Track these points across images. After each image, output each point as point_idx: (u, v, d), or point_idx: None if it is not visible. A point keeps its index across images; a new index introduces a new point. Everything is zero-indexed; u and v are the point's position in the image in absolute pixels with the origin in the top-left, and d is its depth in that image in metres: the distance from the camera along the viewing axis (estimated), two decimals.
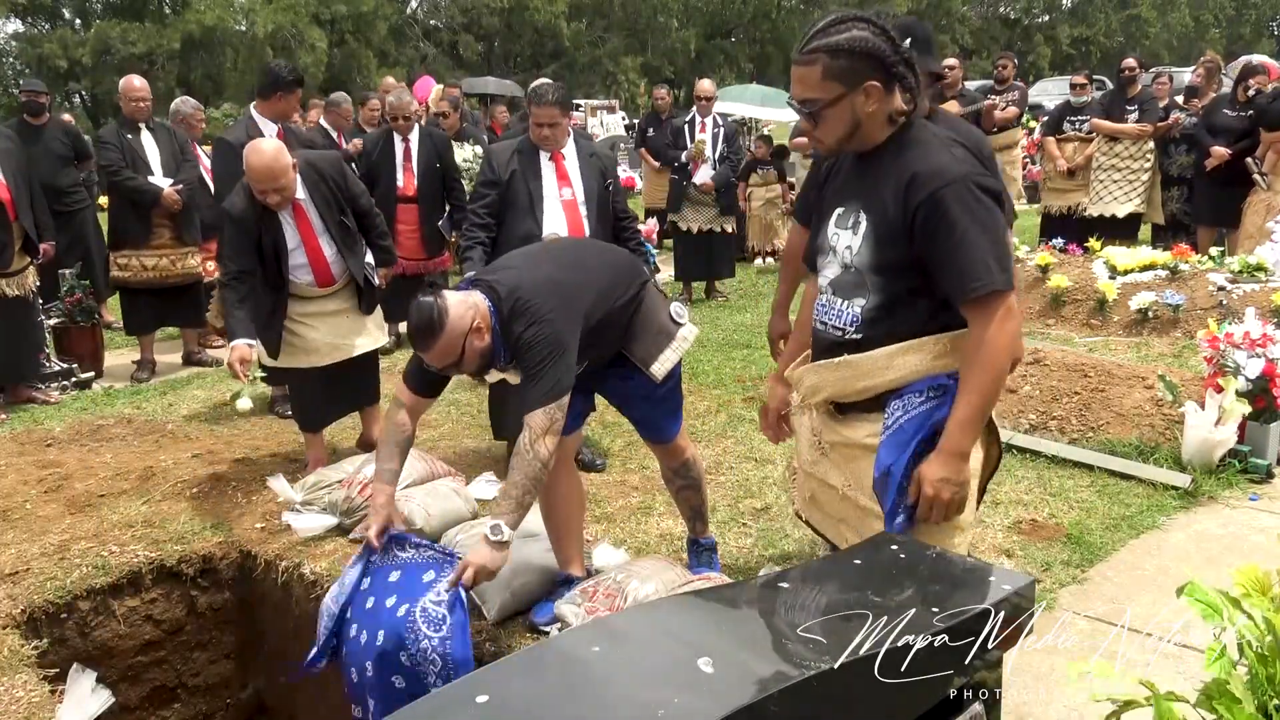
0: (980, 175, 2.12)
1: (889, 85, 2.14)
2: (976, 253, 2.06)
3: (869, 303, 2.25)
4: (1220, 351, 4.31)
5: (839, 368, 2.31)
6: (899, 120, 2.20)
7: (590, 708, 1.11)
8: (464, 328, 2.64)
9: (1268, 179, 7.63)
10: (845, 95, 2.13)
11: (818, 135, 2.22)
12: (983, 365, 2.10)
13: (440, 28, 34.16)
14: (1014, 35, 39.40)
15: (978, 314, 2.10)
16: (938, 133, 2.22)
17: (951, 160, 2.13)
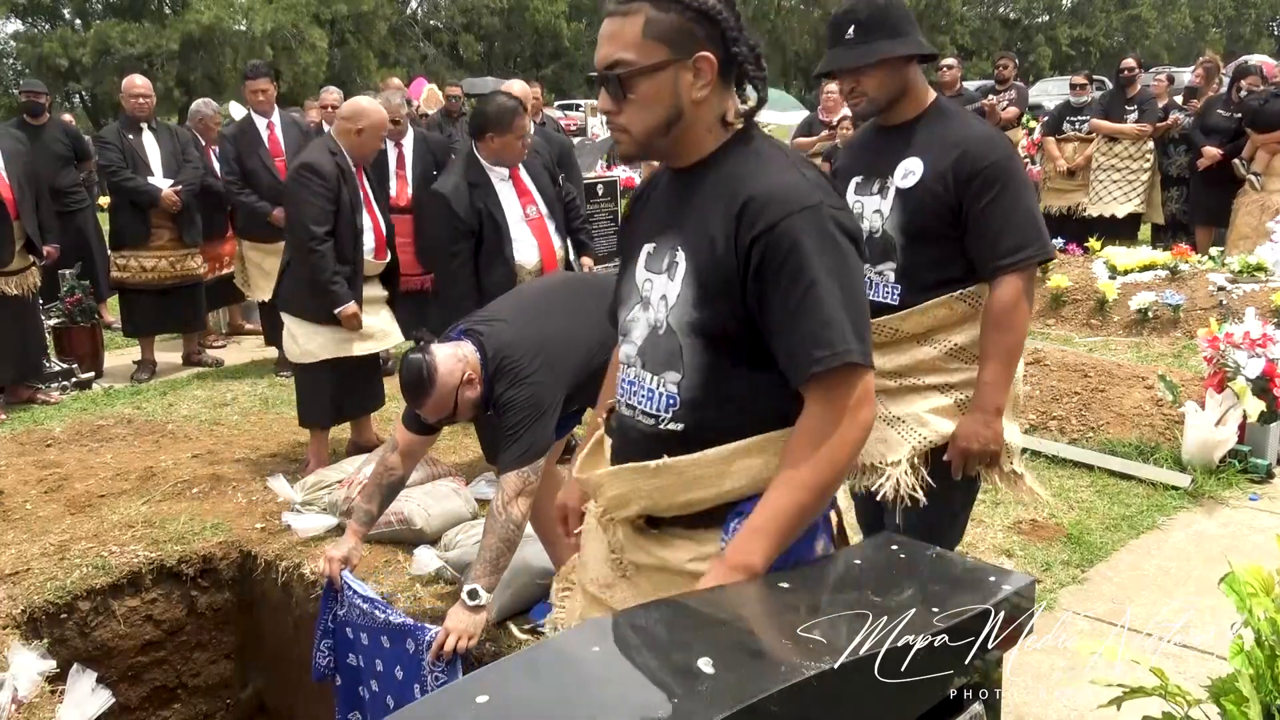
0: (838, 208, 1.59)
1: (726, 70, 1.62)
2: (827, 311, 1.51)
3: (688, 379, 1.63)
4: (1220, 351, 4.31)
5: (657, 473, 1.65)
6: (733, 126, 1.65)
7: (590, 708, 1.11)
8: (455, 382, 2.64)
9: (1261, 179, 7.63)
10: (669, 64, 1.56)
11: (621, 122, 1.62)
12: (814, 465, 1.52)
13: (440, 28, 34.17)
14: (1014, 35, 39.40)
15: (820, 397, 1.54)
16: (784, 148, 1.68)
17: (801, 182, 1.57)
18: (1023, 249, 2.25)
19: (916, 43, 2.34)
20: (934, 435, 2.38)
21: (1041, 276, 7.23)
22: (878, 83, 2.33)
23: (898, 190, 2.35)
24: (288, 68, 26.92)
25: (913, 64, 2.36)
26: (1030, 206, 2.30)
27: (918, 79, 2.38)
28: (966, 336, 2.37)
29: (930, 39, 23.64)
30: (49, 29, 29.08)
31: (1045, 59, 38.10)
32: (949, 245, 2.32)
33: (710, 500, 1.63)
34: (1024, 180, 2.30)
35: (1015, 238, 2.25)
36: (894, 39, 2.29)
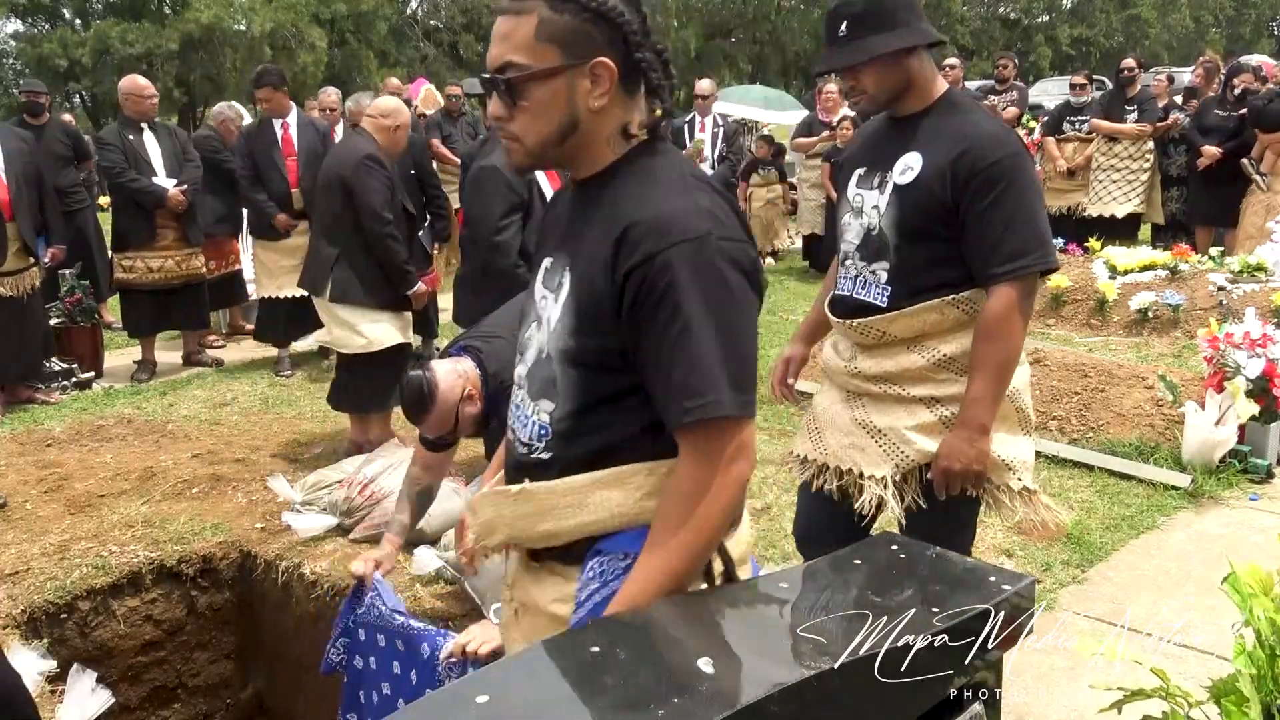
0: (730, 239, 1.42)
1: (630, 78, 1.47)
2: (700, 358, 1.37)
3: (559, 410, 1.52)
4: (1220, 351, 4.31)
5: (516, 500, 1.58)
6: (634, 139, 1.50)
7: (590, 708, 1.11)
8: (455, 398, 2.64)
9: (1267, 179, 7.63)
10: (563, 70, 1.43)
11: (513, 130, 1.49)
12: (686, 531, 1.40)
13: (440, 28, 34.14)
14: (1014, 35, 39.39)
15: (691, 451, 1.41)
16: (684, 168, 1.51)
17: (689, 209, 1.41)
18: (1022, 256, 2.11)
19: (918, 32, 2.20)
20: (916, 455, 2.25)
21: (1042, 278, 7.22)
22: (876, 79, 2.21)
23: (895, 186, 2.22)
24: (287, 68, 26.86)
25: (915, 55, 2.21)
26: (1034, 211, 2.15)
27: (923, 70, 2.24)
28: (957, 346, 2.23)
29: None
30: (49, 29, 29.06)
31: (1045, 59, 38.08)
32: (946, 247, 2.19)
33: (569, 532, 1.53)
34: (1031, 182, 2.17)
35: (1015, 244, 2.11)
36: (889, 31, 2.16)
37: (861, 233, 2.28)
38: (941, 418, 2.25)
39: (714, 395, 1.37)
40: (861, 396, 2.34)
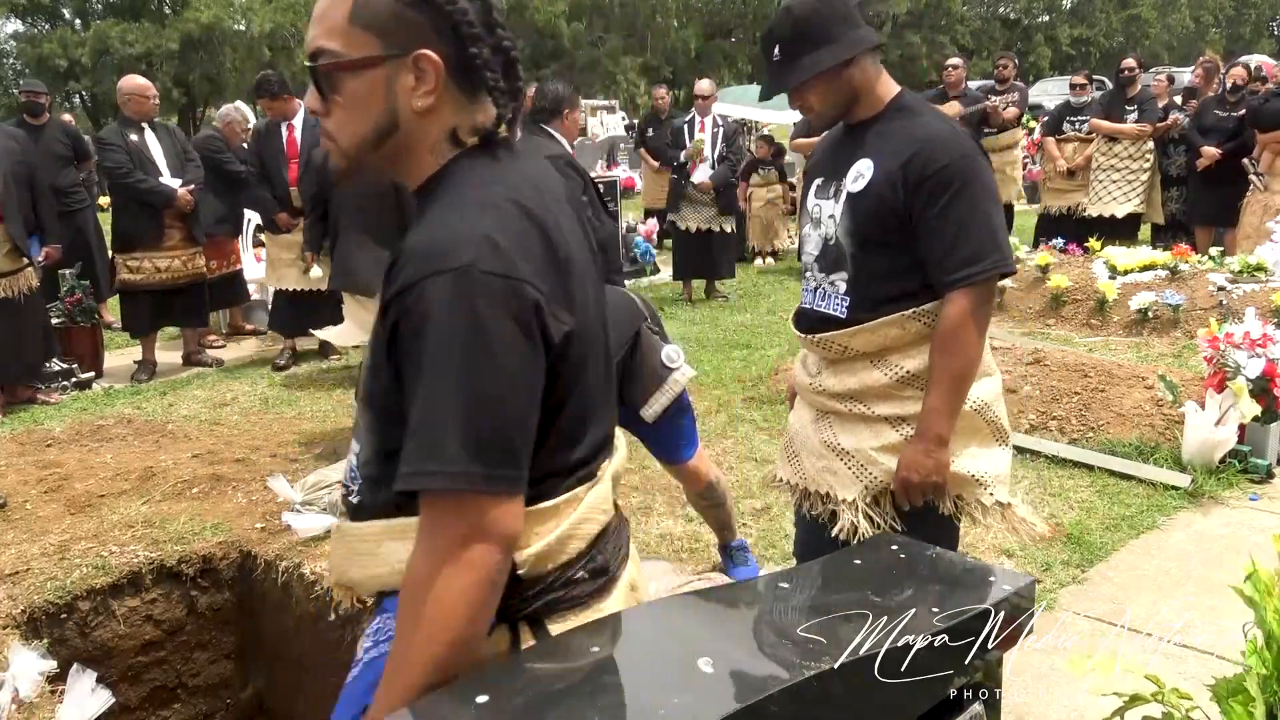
0: (502, 274, 1.15)
1: (465, 77, 1.27)
2: (433, 415, 1.15)
3: (363, 454, 1.38)
4: (1220, 351, 4.31)
5: (334, 539, 1.46)
6: (465, 143, 1.29)
7: (590, 708, 1.11)
8: None
9: (1264, 179, 7.65)
10: (380, 61, 1.24)
11: (328, 127, 1.31)
12: (420, 636, 1.17)
13: None
14: (1014, 35, 39.40)
15: (424, 528, 1.19)
16: (514, 181, 1.27)
17: (466, 234, 1.17)
18: (976, 262, 2.04)
19: (852, 42, 2.13)
20: (884, 476, 2.21)
21: (1042, 276, 7.23)
22: (819, 96, 2.18)
23: (848, 194, 2.17)
24: (287, 68, 26.91)
25: (855, 64, 2.15)
26: (989, 214, 2.08)
27: (867, 77, 2.18)
28: (919, 362, 2.17)
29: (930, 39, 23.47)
30: (49, 29, 29.07)
31: (1045, 59, 38.10)
32: (902, 256, 2.13)
33: (363, 583, 1.39)
34: (985, 185, 2.09)
35: (969, 249, 2.04)
36: (821, 48, 2.12)
37: (820, 243, 2.25)
38: (906, 437, 2.19)
39: (432, 465, 1.14)
40: (829, 415, 2.31)
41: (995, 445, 2.26)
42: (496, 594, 1.19)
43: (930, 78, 30.32)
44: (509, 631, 1.28)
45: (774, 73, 2.20)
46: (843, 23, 2.14)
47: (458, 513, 1.15)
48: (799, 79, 2.15)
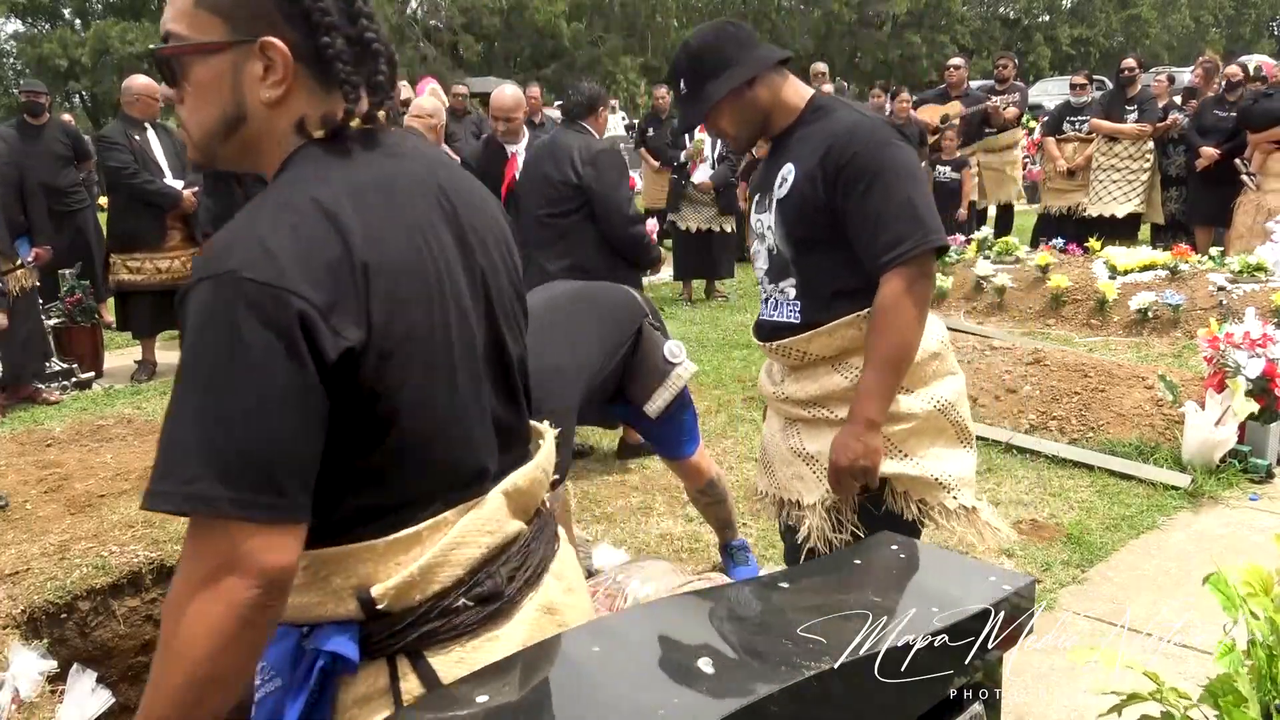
0: (271, 283, 1.06)
1: (318, 66, 1.19)
2: (172, 430, 1.07)
3: None
4: (1220, 351, 4.32)
5: None
6: (312, 135, 1.20)
7: (590, 708, 1.11)
8: None
9: (1256, 179, 7.66)
10: (226, 47, 1.18)
11: (181, 115, 1.25)
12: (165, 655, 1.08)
13: (440, 28, 34.16)
14: (1014, 35, 39.40)
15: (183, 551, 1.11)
16: (303, 184, 1.15)
17: (243, 239, 1.10)
18: (901, 241, 2.03)
19: (750, 64, 2.18)
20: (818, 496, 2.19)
21: (1042, 276, 7.23)
22: (730, 120, 2.23)
23: (776, 201, 2.20)
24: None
25: (760, 82, 2.19)
26: (908, 194, 2.06)
27: (776, 90, 2.22)
28: None
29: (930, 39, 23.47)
30: (49, 29, 29.07)
31: (1045, 59, 38.09)
32: (839, 252, 2.13)
33: None
34: (902, 167, 2.08)
35: (892, 231, 2.03)
36: (723, 74, 2.16)
37: (766, 256, 2.29)
38: None
39: (166, 484, 1.06)
40: (796, 423, 2.31)
41: (960, 447, 2.25)
42: (251, 631, 1.07)
43: (930, 78, 30.33)
44: (386, 666, 1.21)
45: (682, 107, 2.25)
46: (739, 47, 2.18)
47: (208, 539, 1.05)
48: (705, 108, 2.19)
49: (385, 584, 1.17)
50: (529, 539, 1.32)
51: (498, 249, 1.34)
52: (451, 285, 1.23)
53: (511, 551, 1.29)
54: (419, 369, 1.17)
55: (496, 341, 1.31)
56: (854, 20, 35.34)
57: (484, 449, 1.28)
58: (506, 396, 1.34)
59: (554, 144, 4.35)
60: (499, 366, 1.32)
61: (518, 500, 1.31)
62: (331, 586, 1.18)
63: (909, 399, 2.17)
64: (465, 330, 1.24)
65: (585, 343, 2.87)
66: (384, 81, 1.24)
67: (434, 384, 1.20)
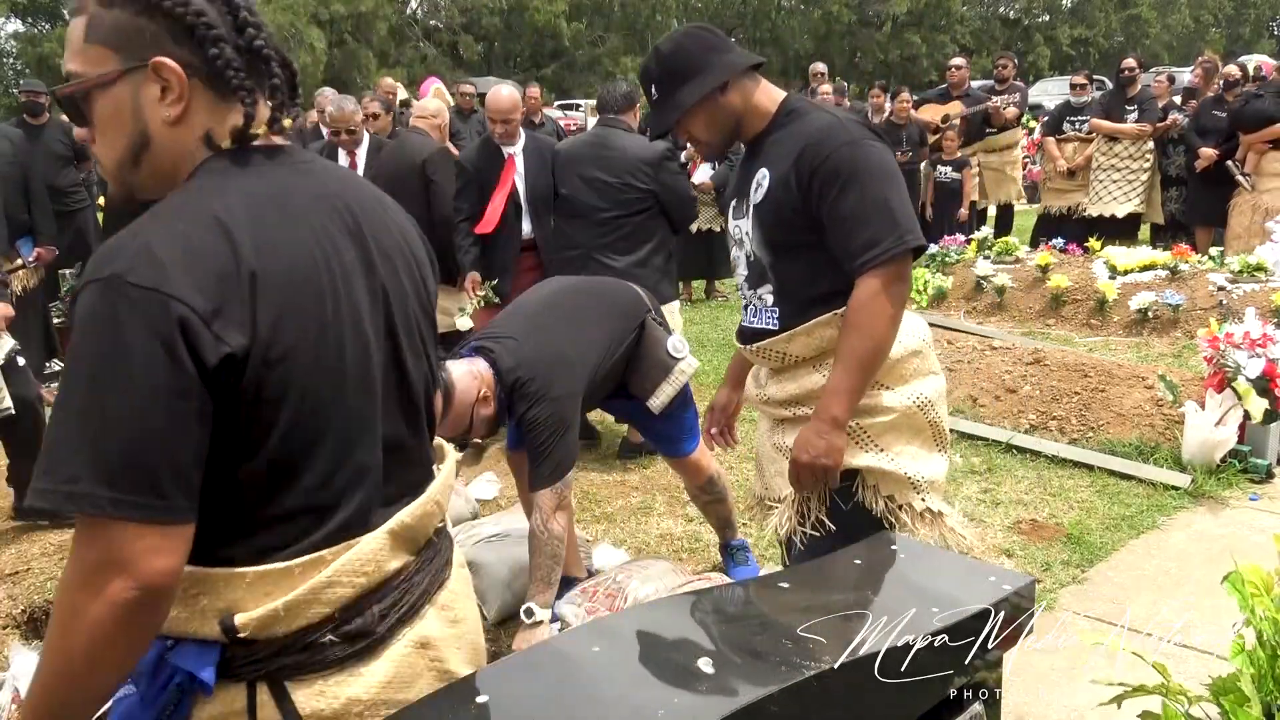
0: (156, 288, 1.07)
1: (214, 79, 1.21)
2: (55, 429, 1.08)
3: None
4: (1220, 351, 4.31)
5: None
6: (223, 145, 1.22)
7: (590, 708, 1.11)
8: (471, 400, 2.67)
9: (1251, 179, 7.66)
10: (120, 75, 1.19)
11: (98, 155, 1.26)
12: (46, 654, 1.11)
13: (440, 28, 34.16)
14: (1014, 35, 39.39)
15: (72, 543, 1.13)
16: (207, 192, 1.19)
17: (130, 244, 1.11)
18: (877, 243, 2.00)
19: (722, 68, 2.15)
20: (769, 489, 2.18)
21: (1042, 276, 7.23)
22: (702, 126, 2.20)
23: (752, 207, 2.19)
24: None
25: (732, 88, 2.16)
26: (883, 195, 2.03)
27: (747, 98, 2.19)
28: None
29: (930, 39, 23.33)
30: (49, 29, 29.07)
31: (1045, 59, 38.08)
32: (817, 255, 2.12)
33: None
34: (877, 167, 2.05)
35: (867, 232, 2.01)
36: (694, 80, 2.13)
37: (745, 262, 2.27)
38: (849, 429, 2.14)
39: (46, 482, 1.06)
40: (782, 423, 2.31)
41: (935, 450, 2.24)
42: (129, 632, 1.08)
43: (930, 78, 30.32)
44: (245, 690, 1.20)
45: (655, 112, 2.22)
46: (711, 52, 2.15)
47: (90, 538, 1.07)
48: (676, 114, 2.16)
49: (250, 614, 1.17)
50: (412, 573, 1.31)
51: (406, 271, 1.34)
52: (349, 301, 1.23)
53: (390, 587, 1.27)
54: (304, 379, 1.17)
55: (397, 362, 1.31)
56: (854, 20, 35.35)
57: (369, 473, 1.27)
58: (405, 418, 1.33)
59: (604, 144, 4.38)
60: (399, 387, 1.31)
61: (404, 536, 1.29)
62: (199, 606, 1.18)
63: (888, 395, 2.17)
64: (360, 346, 1.24)
65: (590, 333, 2.90)
66: (281, 85, 1.25)
67: (319, 395, 1.19)
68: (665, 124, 2.20)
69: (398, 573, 1.28)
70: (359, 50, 30.08)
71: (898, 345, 2.13)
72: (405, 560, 1.29)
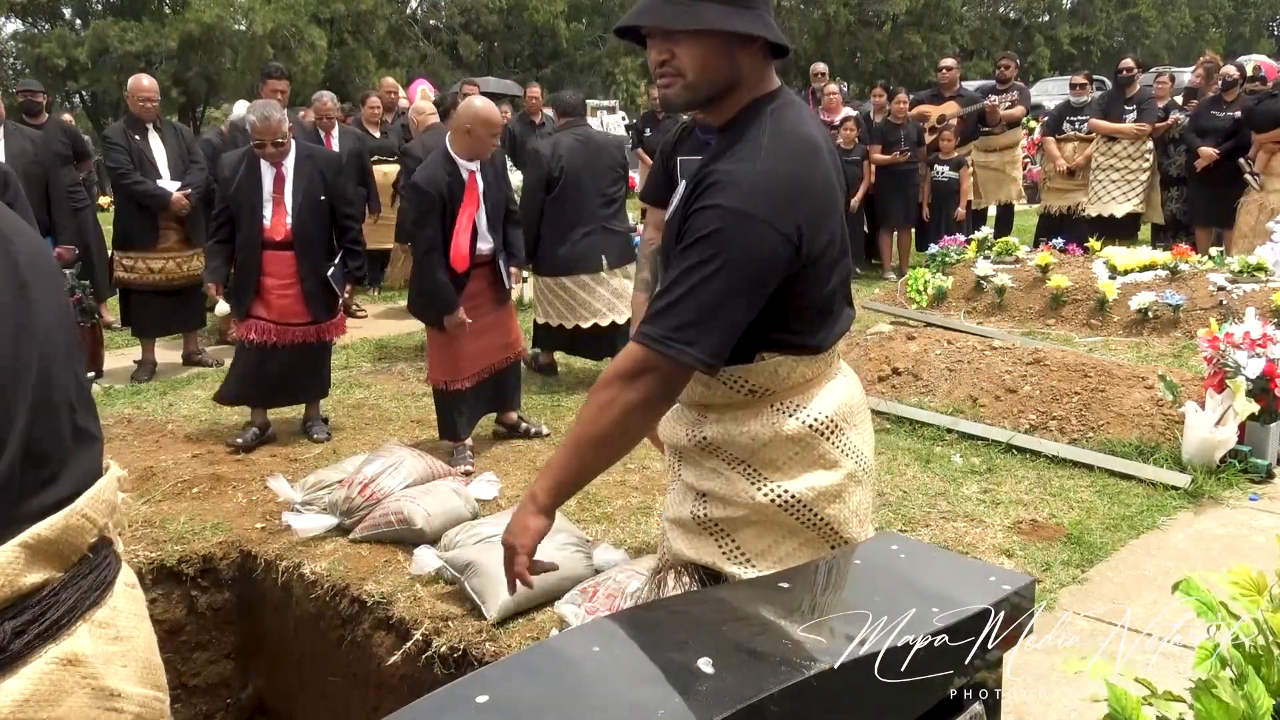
0: None
1: None
2: None
3: None
4: (1220, 351, 4.31)
5: None
6: None
7: (590, 707, 1.11)
8: None
9: (1260, 179, 7.66)
10: None
11: None
12: None
13: (440, 28, 34.16)
14: (1014, 35, 39.39)
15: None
16: None
17: None
18: (657, 323, 1.63)
19: (763, 22, 1.70)
20: (672, 556, 1.90)
21: (1042, 276, 7.23)
22: (698, 62, 1.70)
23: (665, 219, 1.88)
24: (287, 67, 26.90)
25: (752, 49, 1.72)
26: (709, 285, 1.62)
27: (752, 74, 1.75)
28: (718, 431, 1.81)
29: (930, 39, 23.35)
30: (48, 29, 29.06)
31: (1045, 59, 38.07)
32: None
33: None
34: (736, 253, 1.62)
35: (663, 304, 1.65)
36: (728, 10, 1.65)
37: None
38: (697, 518, 1.85)
39: None
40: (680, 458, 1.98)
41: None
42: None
43: (930, 78, 30.33)
44: None
45: (660, 2, 1.68)
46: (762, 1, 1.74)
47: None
48: (691, 24, 1.66)
49: None
50: (57, 588, 1.28)
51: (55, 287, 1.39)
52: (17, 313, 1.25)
53: (28, 603, 1.25)
54: None
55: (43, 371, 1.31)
56: (854, 20, 35.33)
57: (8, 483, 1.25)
58: (48, 429, 1.31)
59: (590, 139, 5.55)
60: (42, 398, 1.30)
61: (42, 550, 1.26)
62: None
63: (742, 482, 1.81)
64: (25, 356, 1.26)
65: None
66: None
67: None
68: (670, 22, 1.68)
69: (38, 588, 1.25)
70: (358, 50, 30.08)
71: (769, 427, 1.78)
72: (45, 576, 1.27)
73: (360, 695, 3.34)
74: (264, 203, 4.65)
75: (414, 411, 5.36)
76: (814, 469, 1.82)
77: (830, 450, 1.83)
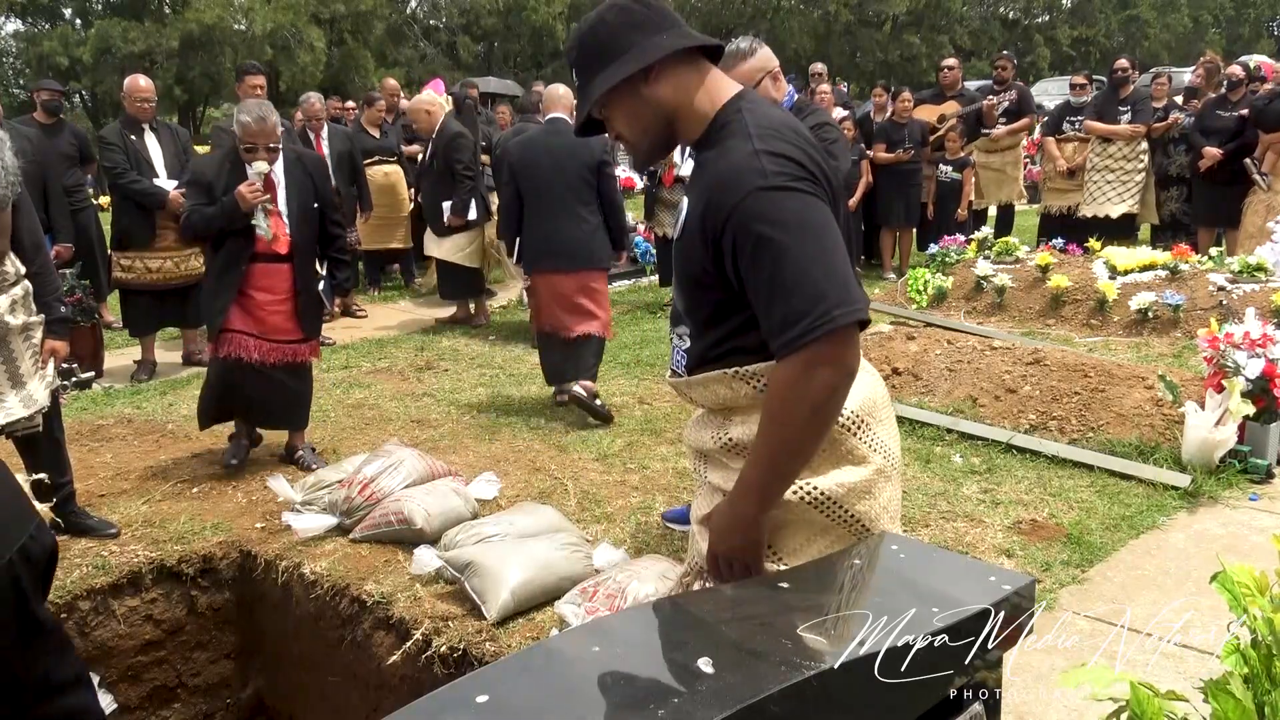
0: None
1: None
2: None
3: None
4: (1220, 351, 4.31)
5: None
6: None
7: (590, 708, 1.11)
8: None
9: (1267, 179, 7.66)
10: None
11: None
12: None
13: (439, 28, 34.15)
14: (1014, 36, 39.38)
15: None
16: None
17: None
18: (795, 322, 1.59)
19: (648, 50, 1.72)
20: (699, 558, 1.88)
21: (1042, 277, 7.23)
22: (622, 120, 1.79)
23: (674, 240, 1.88)
24: (286, 67, 26.91)
25: (659, 77, 1.74)
26: (804, 260, 1.60)
27: (684, 89, 1.76)
28: (744, 431, 1.81)
29: (930, 39, 23.29)
30: (49, 28, 29.06)
31: (1045, 59, 38.07)
32: (727, 303, 1.76)
33: None
34: (794, 222, 1.62)
35: (784, 307, 1.61)
36: (611, 64, 1.72)
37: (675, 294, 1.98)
38: None
39: None
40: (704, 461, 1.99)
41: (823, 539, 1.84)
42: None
43: (930, 78, 30.30)
44: None
45: (576, 103, 1.86)
46: (635, 30, 1.73)
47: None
48: (587, 106, 1.78)
49: None
50: None
51: None
52: None
53: None
54: None
55: None
56: (853, 20, 35.33)
57: None
58: None
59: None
60: None
61: None
62: None
63: None
64: None
65: None
66: None
67: None
68: (579, 117, 1.82)
69: None
70: (358, 50, 30.08)
71: None
72: None
73: (360, 695, 3.35)
74: (257, 211, 4.12)
75: (414, 411, 5.36)
76: (842, 465, 1.81)
77: (858, 445, 1.83)
